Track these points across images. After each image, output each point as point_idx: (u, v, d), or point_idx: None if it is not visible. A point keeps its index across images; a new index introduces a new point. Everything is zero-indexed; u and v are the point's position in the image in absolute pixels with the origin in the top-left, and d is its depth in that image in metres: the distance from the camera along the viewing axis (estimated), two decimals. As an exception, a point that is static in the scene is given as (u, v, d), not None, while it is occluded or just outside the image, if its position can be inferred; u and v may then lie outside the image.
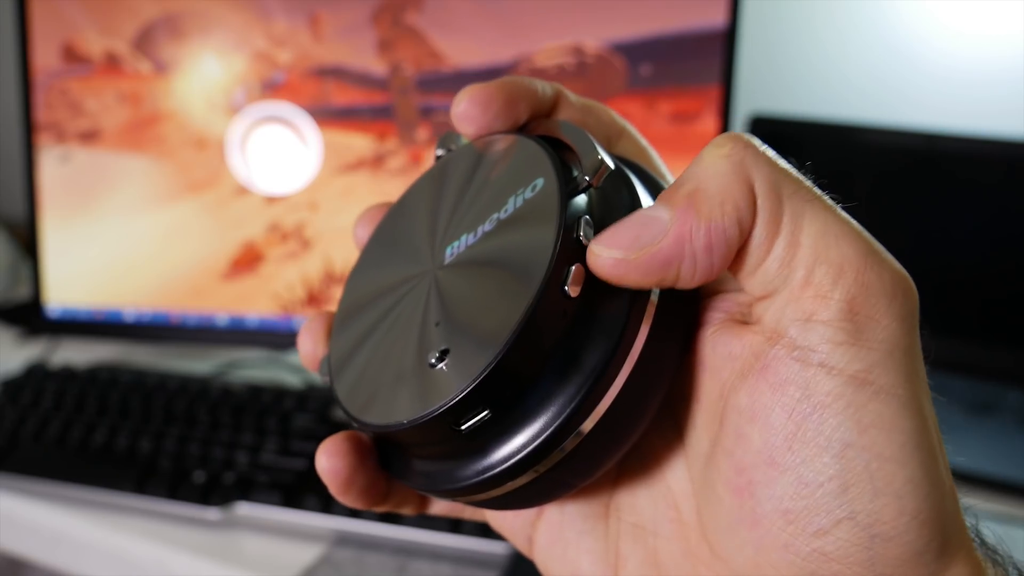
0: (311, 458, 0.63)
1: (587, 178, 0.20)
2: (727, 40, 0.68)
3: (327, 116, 0.74)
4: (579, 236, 0.19)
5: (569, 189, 0.20)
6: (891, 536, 0.17)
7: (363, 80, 0.73)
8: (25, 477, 0.63)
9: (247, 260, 0.76)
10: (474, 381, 0.19)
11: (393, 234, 0.25)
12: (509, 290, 0.19)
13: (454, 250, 0.22)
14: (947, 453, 0.19)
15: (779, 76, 0.92)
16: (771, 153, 0.19)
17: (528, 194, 0.21)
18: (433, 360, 0.20)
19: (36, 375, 0.74)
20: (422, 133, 0.73)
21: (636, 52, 0.69)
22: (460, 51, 0.71)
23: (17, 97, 0.77)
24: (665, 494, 0.22)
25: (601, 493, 0.24)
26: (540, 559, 0.24)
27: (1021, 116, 0.84)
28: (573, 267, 0.19)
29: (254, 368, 0.86)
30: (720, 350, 0.20)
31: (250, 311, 0.77)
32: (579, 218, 0.20)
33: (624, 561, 0.23)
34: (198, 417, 0.68)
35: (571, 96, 0.24)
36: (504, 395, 0.19)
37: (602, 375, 0.19)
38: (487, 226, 0.21)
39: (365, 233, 0.26)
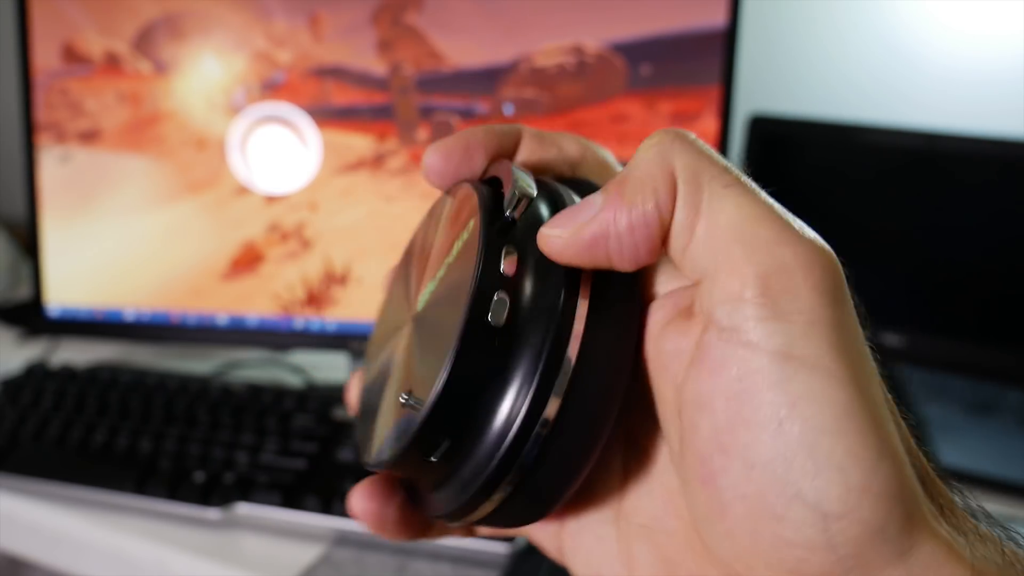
0: (311, 458, 0.63)
1: (508, 212, 0.22)
2: (727, 40, 0.68)
3: (327, 116, 0.74)
4: (500, 266, 0.21)
5: (496, 224, 0.22)
6: (842, 513, 0.17)
7: (363, 80, 0.73)
8: (25, 477, 0.63)
9: (247, 260, 0.76)
10: (422, 421, 0.21)
11: (401, 276, 0.28)
12: (451, 325, 0.21)
13: (424, 297, 0.24)
14: (947, 453, 0.19)
15: (779, 76, 0.92)
16: (698, 144, 0.20)
17: (465, 236, 0.23)
18: (403, 399, 0.22)
19: (36, 375, 0.74)
20: (422, 133, 0.73)
21: (636, 52, 0.69)
22: (460, 51, 0.71)
23: (17, 97, 0.77)
24: (665, 493, 0.23)
25: (611, 497, 0.24)
26: (571, 565, 0.25)
27: (1021, 116, 0.84)
28: (495, 295, 0.21)
29: (254, 368, 0.86)
30: (669, 346, 0.21)
31: (250, 311, 0.77)
32: (501, 248, 0.21)
33: (636, 562, 0.23)
34: (198, 417, 0.68)
35: (530, 132, 0.26)
36: (459, 420, 0.21)
37: (549, 366, 0.20)
38: (441, 271, 0.24)
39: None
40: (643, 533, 0.23)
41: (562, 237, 0.21)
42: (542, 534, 0.26)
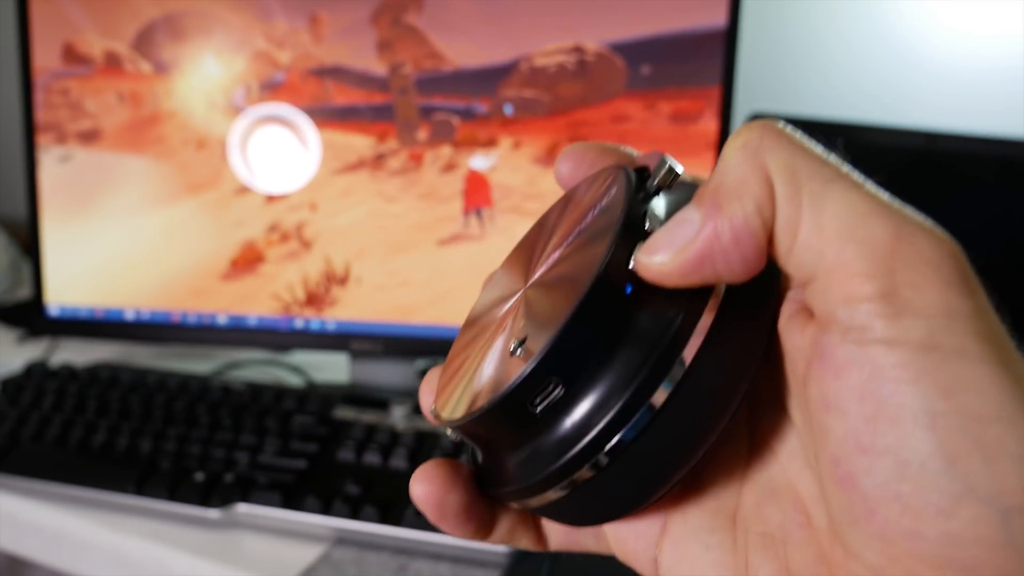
0: (311, 458, 0.63)
1: (654, 183, 0.21)
2: (727, 40, 0.68)
3: (327, 116, 0.74)
4: (644, 226, 0.20)
5: (639, 193, 0.21)
6: None
7: (363, 80, 0.73)
8: (25, 477, 0.63)
9: (247, 260, 0.76)
10: (543, 351, 0.20)
11: (509, 265, 0.27)
12: (583, 282, 0.20)
13: (547, 265, 0.23)
14: None
15: (779, 76, 0.92)
16: (788, 136, 0.19)
17: (604, 203, 0.22)
18: (512, 347, 0.21)
19: (36, 375, 0.75)
20: (422, 133, 0.73)
21: (636, 52, 0.69)
22: (460, 51, 0.71)
23: (18, 97, 0.77)
24: (793, 500, 0.22)
25: (726, 503, 0.23)
26: None
27: (1021, 116, 0.84)
28: (637, 247, 0.20)
29: (254, 368, 0.86)
30: (790, 343, 0.20)
31: (250, 311, 0.77)
32: (644, 212, 0.21)
33: (755, 573, 0.22)
34: (198, 417, 0.68)
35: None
36: (575, 368, 0.20)
37: (671, 347, 0.19)
38: (570, 239, 0.23)
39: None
40: (763, 542, 0.22)
41: (665, 263, 0.19)
42: (633, 546, 0.24)
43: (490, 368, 0.22)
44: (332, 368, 0.85)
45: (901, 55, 0.89)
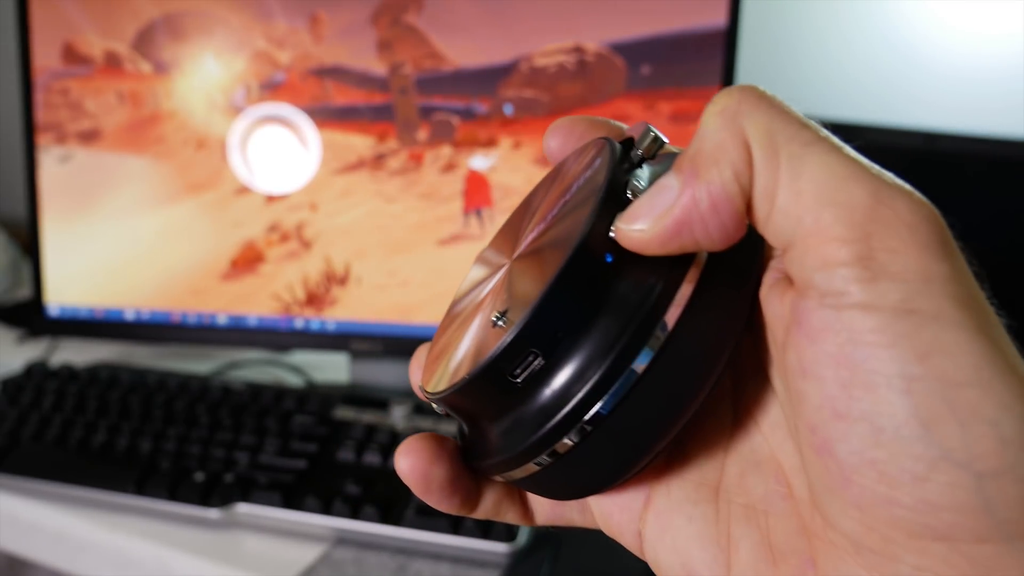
0: (311, 458, 0.63)
1: (638, 152, 0.21)
2: (727, 40, 0.68)
3: (327, 116, 0.74)
4: (626, 195, 0.20)
5: (624, 163, 0.21)
6: (1000, 471, 0.16)
7: (363, 80, 0.73)
8: (25, 477, 0.63)
9: (247, 260, 0.76)
10: (523, 321, 0.20)
11: (495, 244, 0.27)
12: (564, 252, 0.20)
13: (531, 238, 0.23)
14: None
15: (779, 76, 0.92)
16: (770, 99, 0.19)
17: (587, 174, 0.22)
18: (494, 319, 0.21)
19: (36, 375, 0.75)
20: (422, 133, 0.73)
21: (636, 52, 0.69)
22: (460, 51, 0.71)
23: (18, 97, 0.77)
24: (776, 471, 0.22)
25: (709, 475, 0.23)
26: (651, 555, 0.23)
27: (1021, 115, 0.84)
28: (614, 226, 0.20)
29: (254, 368, 0.86)
30: (771, 311, 0.20)
31: (250, 311, 0.77)
32: (627, 181, 0.20)
33: (736, 544, 0.21)
34: (198, 417, 0.68)
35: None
36: (555, 338, 0.20)
37: (651, 314, 0.19)
38: (554, 211, 0.22)
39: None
40: (745, 514, 0.22)
41: (644, 231, 0.19)
42: (618, 519, 0.24)
43: (474, 341, 0.22)
44: (332, 368, 0.85)
45: (902, 54, 0.89)
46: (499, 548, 0.55)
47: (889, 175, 0.18)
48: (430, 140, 0.73)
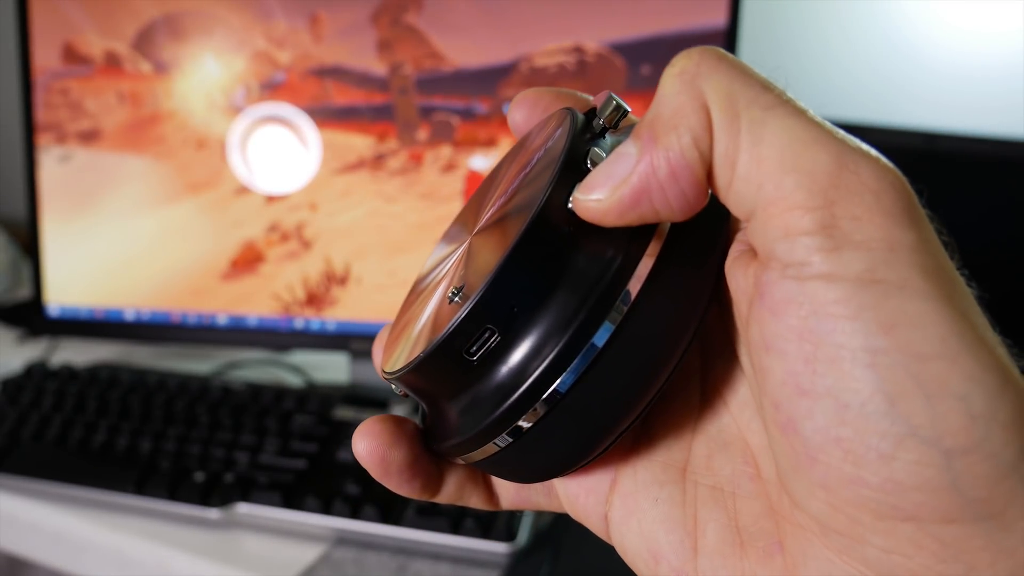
0: (311, 458, 0.63)
1: (600, 121, 0.21)
2: (727, 40, 0.68)
3: (327, 116, 0.74)
4: (586, 165, 0.19)
5: (584, 133, 0.20)
6: (968, 448, 0.15)
7: (363, 80, 0.73)
8: (25, 477, 0.63)
9: (247, 260, 0.76)
10: (476, 297, 0.19)
11: (457, 223, 0.26)
12: (520, 224, 0.19)
13: (490, 213, 0.22)
14: None
15: (779, 76, 0.92)
16: (728, 61, 0.18)
17: (548, 144, 0.21)
18: (450, 295, 0.20)
19: (36, 375, 0.75)
20: (422, 133, 0.73)
21: (636, 52, 0.69)
22: (460, 51, 0.71)
23: (17, 97, 0.77)
24: (743, 451, 0.21)
25: (676, 456, 0.22)
26: (617, 539, 0.23)
27: (1022, 115, 0.84)
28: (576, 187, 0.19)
29: (254, 368, 0.86)
30: (735, 284, 0.19)
31: (250, 311, 0.77)
32: (588, 149, 0.20)
33: (703, 527, 0.21)
34: (198, 417, 0.68)
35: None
36: (511, 313, 0.19)
37: (610, 287, 0.18)
38: (515, 184, 0.22)
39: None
40: (712, 495, 0.21)
41: (601, 201, 0.18)
42: (583, 503, 0.23)
43: (431, 318, 0.21)
44: (332, 368, 0.85)
45: (902, 54, 0.89)
46: (499, 548, 0.55)
47: (854, 140, 0.17)
48: (430, 140, 0.73)
